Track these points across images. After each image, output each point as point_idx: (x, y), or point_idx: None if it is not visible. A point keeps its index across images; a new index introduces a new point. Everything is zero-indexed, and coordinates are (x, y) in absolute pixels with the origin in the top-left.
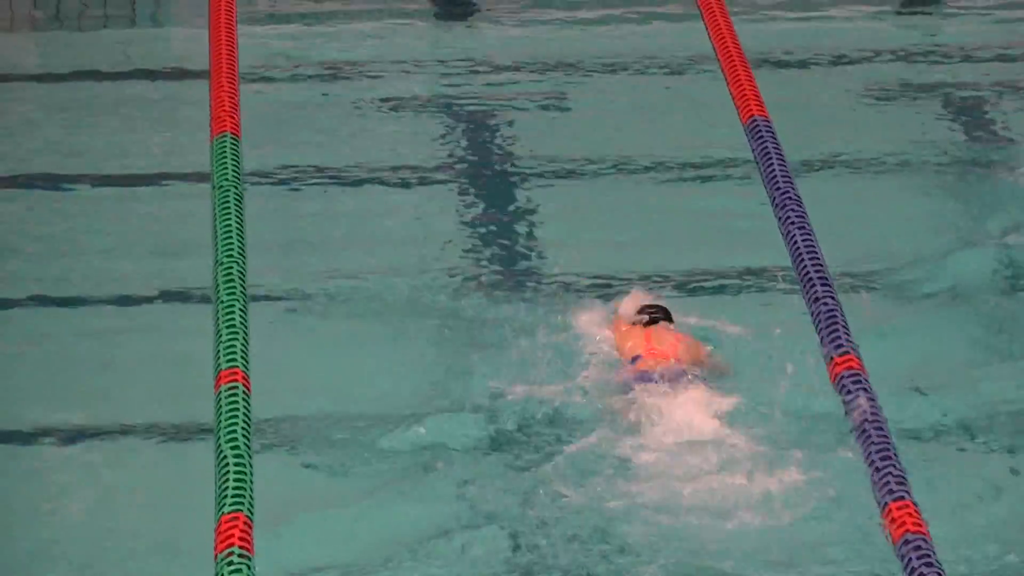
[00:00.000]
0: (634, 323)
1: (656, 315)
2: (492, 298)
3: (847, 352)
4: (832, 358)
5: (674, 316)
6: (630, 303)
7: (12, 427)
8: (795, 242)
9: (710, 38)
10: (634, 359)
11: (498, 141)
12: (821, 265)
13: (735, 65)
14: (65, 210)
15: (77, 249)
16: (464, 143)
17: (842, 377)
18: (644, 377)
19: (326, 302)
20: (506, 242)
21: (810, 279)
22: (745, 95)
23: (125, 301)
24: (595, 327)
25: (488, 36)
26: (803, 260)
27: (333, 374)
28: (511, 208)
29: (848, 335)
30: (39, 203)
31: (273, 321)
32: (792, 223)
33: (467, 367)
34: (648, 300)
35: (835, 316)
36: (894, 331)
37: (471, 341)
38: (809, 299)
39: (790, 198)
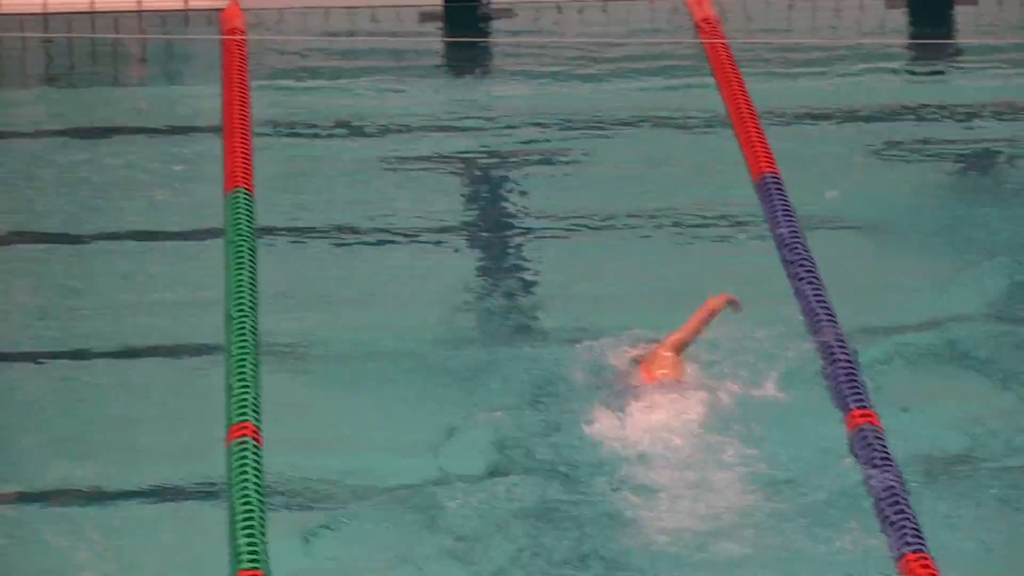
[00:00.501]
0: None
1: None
2: (503, 348)
3: (864, 407)
4: (848, 412)
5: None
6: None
7: (23, 485)
8: (807, 299)
9: (721, 95)
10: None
11: (511, 196)
12: (834, 320)
13: (745, 122)
14: (77, 265)
15: (88, 304)
16: (478, 198)
17: (860, 431)
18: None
19: (337, 355)
20: (517, 296)
21: (823, 336)
22: (756, 152)
23: (136, 354)
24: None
25: (500, 91)
26: (817, 315)
27: (344, 426)
28: (524, 262)
29: (863, 391)
30: (50, 258)
31: (284, 374)
32: (802, 279)
33: (477, 419)
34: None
35: (852, 372)
36: (905, 388)
37: (481, 401)
38: (823, 354)
39: (800, 254)
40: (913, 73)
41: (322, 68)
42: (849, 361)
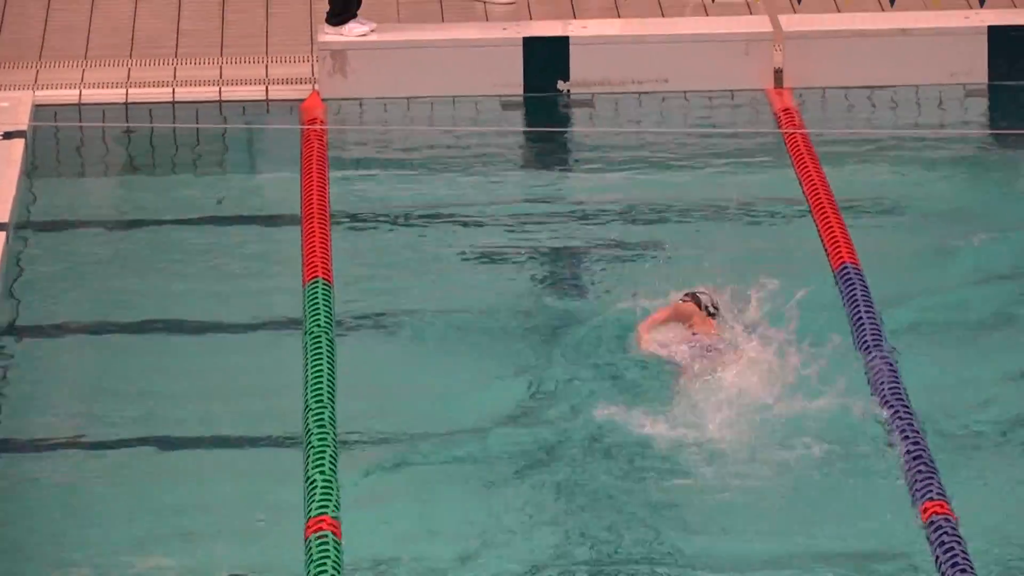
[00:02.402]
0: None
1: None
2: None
3: (936, 498)
4: (922, 503)
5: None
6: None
7: (102, 570)
8: (882, 387)
9: (801, 185)
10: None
11: (592, 286)
12: (910, 412)
13: (826, 212)
14: (156, 354)
15: (169, 392)
16: (558, 288)
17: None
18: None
19: (417, 447)
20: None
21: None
22: (837, 242)
23: (216, 444)
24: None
25: (576, 181)
26: (893, 407)
27: (425, 520)
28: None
29: (938, 480)
30: (129, 348)
31: (365, 466)
32: (880, 371)
33: None
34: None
35: (923, 460)
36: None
37: None
38: (899, 443)
39: (878, 344)
40: (989, 165)
41: (401, 158)
42: (923, 453)
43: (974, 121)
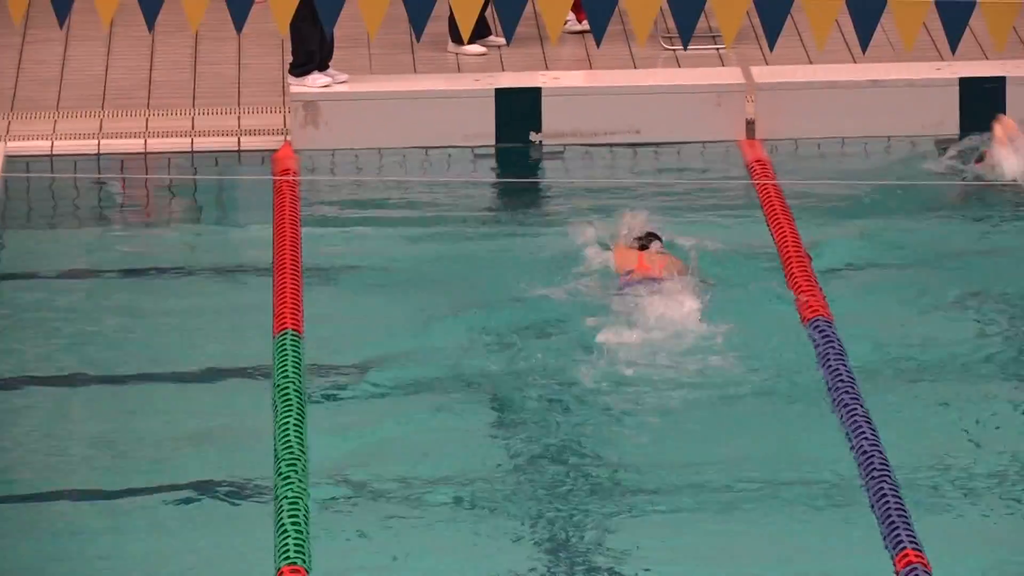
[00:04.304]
0: (630, 247)
1: (646, 241)
2: None
3: (904, 548)
4: (894, 557)
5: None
6: (626, 229)
7: None
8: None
9: (772, 235)
10: (627, 273)
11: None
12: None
13: (793, 264)
14: (127, 403)
15: (131, 439)
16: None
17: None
18: (634, 287)
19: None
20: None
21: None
22: (808, 300)
23: (180, 490)
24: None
25: (548, 231)
26: (871, 463)
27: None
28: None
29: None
30: (95, 397)
31: (335, 514)
32: (856, 424)
33: None
34: (640, 226)
35: (903, 513)
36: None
37: None
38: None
39: (851, 396)
40: (963, 217)
41: (374, 209)
42: (900, 504)
43: (945, 172)
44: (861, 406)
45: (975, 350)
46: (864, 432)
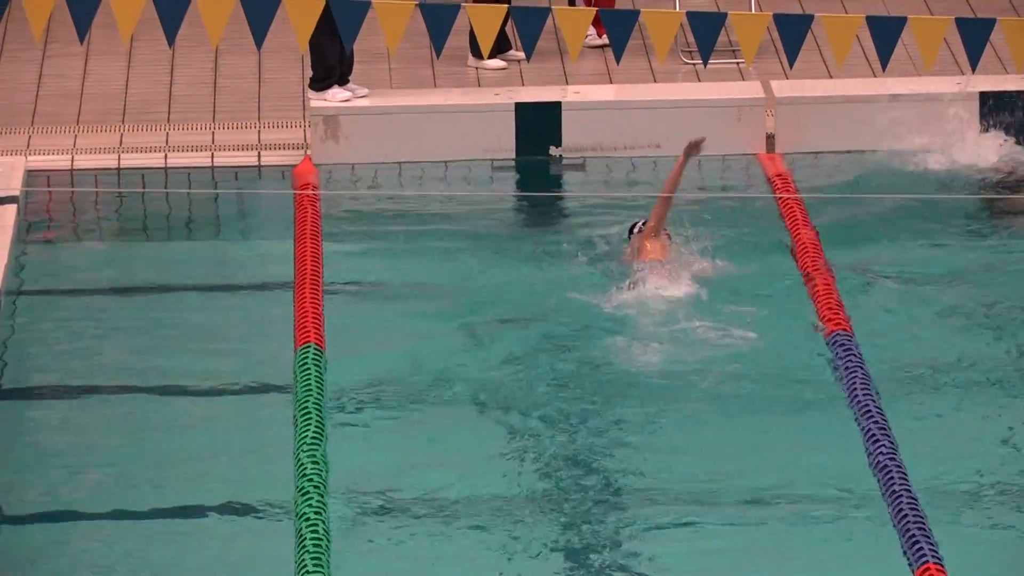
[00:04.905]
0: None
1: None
2: None
3: (927, 562)
4: (914, 571)
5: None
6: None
7: None
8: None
9: (791, 249)
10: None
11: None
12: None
13: (814, 277)
14: (148, 419)
15: (156, 456)
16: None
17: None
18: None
19: (407, 506)
20: None
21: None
22: (834, 308)
23: (199, 505)
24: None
25: (568, 245)
26: (891, 476)
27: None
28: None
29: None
30: (118, 412)
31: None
32: (873, 436)
33: None
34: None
35: (923, 526)
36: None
37: None
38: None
39: (871, 408)
40: (981, 234)
41: (394, 223)
42: (919, 516)
43: (965, 185)
44: (882, 418)
45: (995, 365)
46: (883, 445)
